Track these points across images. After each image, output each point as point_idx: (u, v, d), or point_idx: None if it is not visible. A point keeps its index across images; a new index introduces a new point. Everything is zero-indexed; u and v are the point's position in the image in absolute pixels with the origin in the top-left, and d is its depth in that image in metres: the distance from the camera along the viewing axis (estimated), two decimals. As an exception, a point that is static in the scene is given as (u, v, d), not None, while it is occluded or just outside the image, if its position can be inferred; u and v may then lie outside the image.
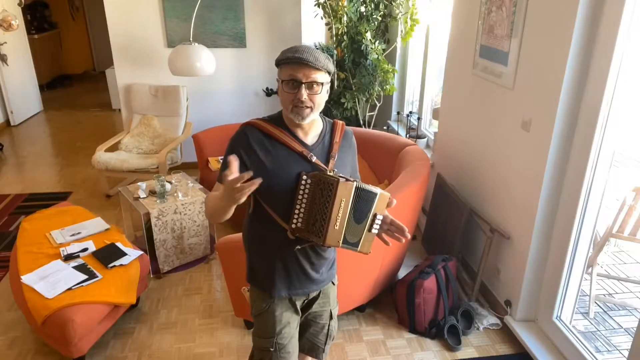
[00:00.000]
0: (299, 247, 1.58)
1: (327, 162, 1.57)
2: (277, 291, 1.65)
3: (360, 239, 1.51)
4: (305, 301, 1.73)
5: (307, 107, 1.48)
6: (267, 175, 1.49)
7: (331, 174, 1.51)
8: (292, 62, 1.45)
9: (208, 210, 1.56)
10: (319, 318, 1.79)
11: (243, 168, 1.50)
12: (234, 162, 1.36)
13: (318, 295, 1.74)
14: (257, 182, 1.33)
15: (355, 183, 1.46)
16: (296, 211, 1.51)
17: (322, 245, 1.49)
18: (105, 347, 2.66)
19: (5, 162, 5.39)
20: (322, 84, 1.48)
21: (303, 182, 1.50)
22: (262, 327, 1.71)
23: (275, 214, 1.55)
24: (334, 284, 1.81)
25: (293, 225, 1.52)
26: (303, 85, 1.45)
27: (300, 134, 1.57)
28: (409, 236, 1.52)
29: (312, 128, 1.58)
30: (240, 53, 4.82)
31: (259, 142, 1.54)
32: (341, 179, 1.44)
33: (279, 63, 1.50)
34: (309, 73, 1.45)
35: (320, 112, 1.61)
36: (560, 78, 2.21)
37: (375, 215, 1.50)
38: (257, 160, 1.52)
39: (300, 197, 1.50)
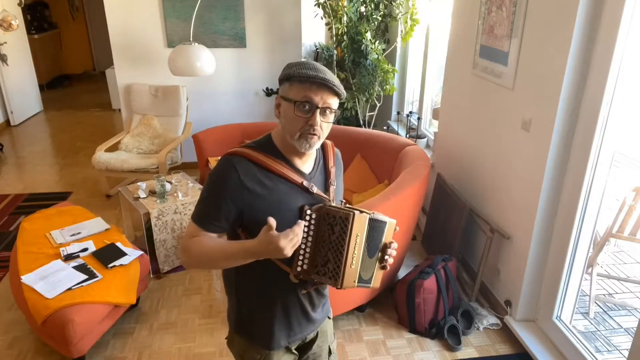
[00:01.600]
0: (304, 291, 1.41)
1: (326, 191, 1.41)
2: (276, 342, 1.45)
3: (373, 273, 1.37)
4: (301, 343, 1.55)
5: (317, 135, 1.28)
6: (265, 214, 1.23)
7: (336, 204, 1.36)
8: (311, 82, 1.25)
9: (204, 260, 1.33)
10: (319, 358, 1.61)
11: (234, 210, 1.30)
12: (273, 222, 1.18)
13: (316, 336, 1.57)
14: (302, 223, 1.22)
15: (368, 215, 1.29)
16: (301, 251, 1.29)
17: (339, 288, 1.29)
18: (105, 347, 2.66)
19: (5, 162, 5.39)
20: (334, 111, 1.31)
21: (307, 217, 1.29)
22: None
23: None
24: (329, 318, 1.65)
25: (298, 268, 1.30)
26: (318, 110, 1.26)
27: (297, 162, 1.36)
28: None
29: (309, 155, 1.39)
30: (240, 53, 4.82)
31: (251, 175, 1.30)
32: (355, 212, 1.26)
33: (289, 78, 1.28)
34: (327, 97, 1.27)
35: None
36: (560, 78, 2.21)
37: (385, 246, 1.36)
38: (252, 198, 1.29)
39: (305, 235, 1.29)
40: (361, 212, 1.28)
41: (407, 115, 4.51)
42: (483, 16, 2.84)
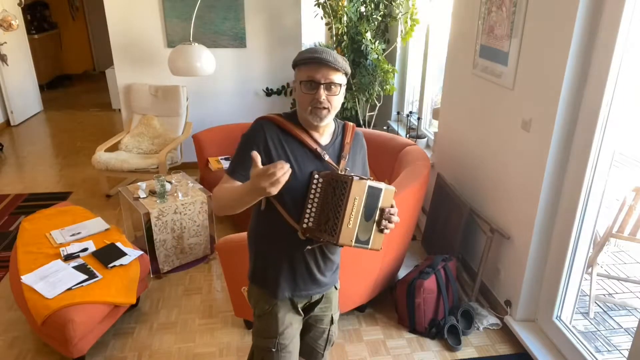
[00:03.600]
0: (309, 247, 1.57)
1: (338, 162, 1.58)
2: (281, 292, 1.64)
3: (371, 236, 1.49)
4: (307, 303, 1.72)
5: (325, 108, 1.47)
6: None
7: (343, 172, 1.52)
8: (311, 63, 1.46)
9: (222, 203, 1.52)
10: (320, 322, 1.78)
11: (260, 159, 1.45)
12: (257, 156, 1.34)
13: (320, 298, 1.73)
14: (288, 170, 1.30)
15: (368, 181, 1.45)
16: (307, 210, 1.50)
17: (336, 244, 1.46)
18: (105, 347, 2.66)
19: (5, 162, 5.39)
20: (339, 85, 1.48)
21: (315, 181, 1.50)
22: (264, 328, 1.70)
23: (286, 212, 1.54)
24: (336, 289, 1.80)
25: (304, 225, 1.51)
26: (322, 86, 1.45)
27: (314, 134, 1.57)
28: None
29: (326, 129, 1.59)
30: (240, 53, 4.82)
31: (275, 137, 1.53)
32: (355, 178, 1.43)
33: (296, 64, 1.50)
34: (328, 74, 1.45)
35: None
36: (560, 78, 2.21)
37: (382, 211, 1.48)
38: (274, 152, 1.52)
39: (312, 196, 1.50)
40: (361, 178, 1.44)
41: (407, 115, 4.51)
42: (483, 16, 2.84)
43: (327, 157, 1.55)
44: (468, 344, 2.71)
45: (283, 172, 1.29)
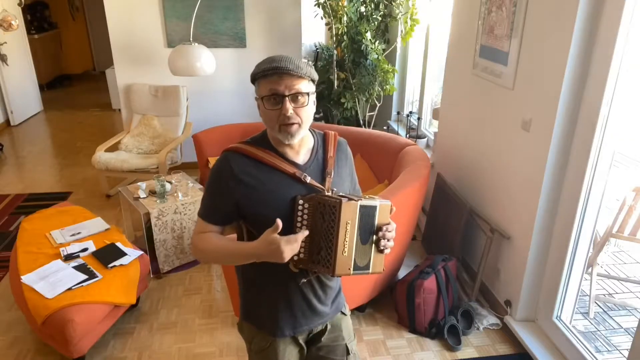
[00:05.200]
0: (304, 280, 1.42)
1: (323, 182, 1.40)
2: (281, 331, 1.49)
3: (370, 259, 1.35)
4: (310, 335, 1.56)
5: (295, 123, 1.30)
6: (259, 204, 1.35)
7: (329, 194, 1.36)
8: (271, 74, 1.28)
9: (210, 257, 1.43)
10: (332, 354, 1.59)
11: (231, 201, 1.37)
12: (279, 223, 1.25)
13: (325, 329, 1.56)
14: (306, 232, 1.28)
15: (359, 201, 1.30)
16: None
17: (332, 276, 1.32)
18: (105, 347, 2.66)
19: (5, 162, 5.39)
20: (307, 94, 1.31)
21: (300, 207, 1.33)
22: None
23: None
24: (344, 314, 1.63)
25: (295, 257, 1.33)
26: (286, 98, 1.28)
27: (289, 154, 1.40)
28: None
29: (302, 145, 1.41)
30: (240, 53, 4.82)
31: (245, 169, 1.36)
32: (343, 199, 1.28)
33: (254, 78, 1.33)
34: (292, 84, 1.28)
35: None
36: (560, 78, 2.21)
37: (379, 229, 1.34)
38: (246, 190, 1.36)
39: (299, 224, 1.33)
40: (350, 199, 1.29)
41: (407, 115, 4.51)
42: (483, 16, 2.84)
43: (308, 179, 1.37)
44: (468, 344, 2.71)
45: (301, 239, 1.27)
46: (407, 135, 4.25)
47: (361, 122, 4.54)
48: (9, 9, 6.01)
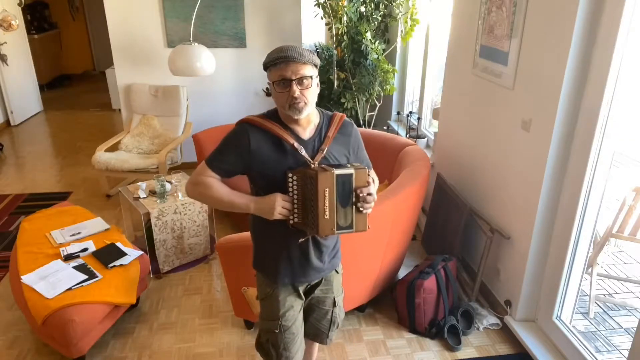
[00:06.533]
0: (301, 239, 1.65)
1: (316, 155, 1.63)
2: (281, 278, 1.74)
3: (352, 220, 1.54)
4: (308, 286, 1.81)
5: (301, 102, 1.54)
6: (265, 170, 1.60)
7: (313, 166, 1.57)
8: (279, 62, 1.52)
9: (205, 195, 1.65)
10: (322, 304, 1.87)
11: (240, 163, 1.62)
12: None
13: (320, 281, 1.82)
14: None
15: (334, 171, 1.48)
16: (293, 207, 1.58)
17: (319, 236, 1.56)
18: (105, 347, 2.66)
19: (5, 162, 5.39)
20: (310, 77, 1.54)
21: (289, 179, 1.57)
22: (267, 311, 1.80)
23: None
24: (337, 272, 1.87)
25: (291, 221, 1.58)
26: (293, 82, 1.52)
27: (297, 129, 1.63)
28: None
29: (309, 123, 1.64)
30: (240, 53, 4.82)
31: (256, 138, 1.60)
32: (320, 170, 1.48)
33: (266, 66, 1.57)
34: (296, 69, 1.52)
35: (318, 107, 1.69)
36: (560, 78, 2.21)
37: (358, 192, 1.52)
38: (255, 156, 1.60)
39: (291, 193, 1.57)
40: (326, 170, 1.49)
41: (407, 115, 4.51)
42: (483, 16, 2.84)
43: (303, 152, 1.60)
44: (468, 344, 2.71)
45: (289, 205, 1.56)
46: (407, 135, 4.25)
47: (361, 122, 4.53)
48: (9, 9, 6.01)
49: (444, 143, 3.57)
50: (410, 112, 4.58)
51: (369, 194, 1.55)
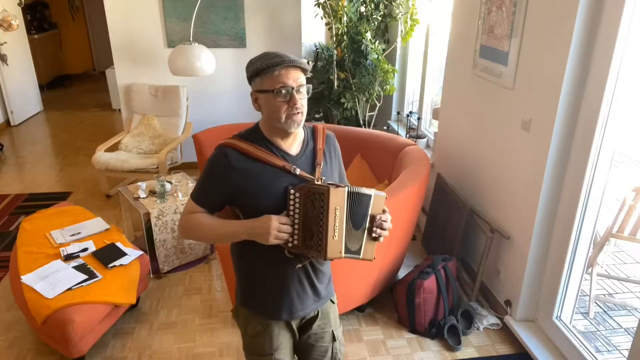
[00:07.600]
0: (299, 265, 1.49)
1: (313, 172, 1.48)
2: (278, 315, 1.56)
3: (362, 245, 1.43)
4: (303, 321, 1.64)
5: (300, 112, 1.40)
6: (254, 196, 1.43)
7: (319, 182, 1.44)
8: (277, 68, 1.35)
9: (197, 234, 1.51)
10: (321, 341, 1.67)
11: (226, 191, 1.45)
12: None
13: (316, 316, 1.64)
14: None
15: (346, 188, 1.37)
16: (293, 228, 1.42)
17: (324, 259, 1.39)
18: (105, 347, 2.66)
19: (5, 162, 5.39)
20: (306, 86, 1.42)
21: (292, 196, 1.40)
22: (258, 347, 1.62)
23: None
24: (333, 302, 1.71)
25: (290, 244, 1.41)
26: (294, 90, 1.37)
27: (283, 145, 1.47)
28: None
29: (295, 137, 1.49)
30: (240, 53, 4.82)
31: (240, 163, 1.43)
32: (331, 187, 1.36)
33: (260, 72, 1.38)
34: (296, 76, 1.38)
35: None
36: (560, 78, 2.21)
37: (373, 218, 1.42)
38: (240, 182, 1.43)
39: (292, 213, 1.40)
40: (338, 186, 1.37)
41: (407, 115, 4.51)
42: (483, 16, 2.84)
43: (298, 171, 1.44)
44: (468, 344, 2.71)
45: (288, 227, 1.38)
46: (407, 135, 4.25)
47: (361, 122, 4.54)
48: (9, 9, 6.00)
49: (444, 143, 3.57)
50: (410, 112, 4.58)
51: (385, 221, 1.42)
